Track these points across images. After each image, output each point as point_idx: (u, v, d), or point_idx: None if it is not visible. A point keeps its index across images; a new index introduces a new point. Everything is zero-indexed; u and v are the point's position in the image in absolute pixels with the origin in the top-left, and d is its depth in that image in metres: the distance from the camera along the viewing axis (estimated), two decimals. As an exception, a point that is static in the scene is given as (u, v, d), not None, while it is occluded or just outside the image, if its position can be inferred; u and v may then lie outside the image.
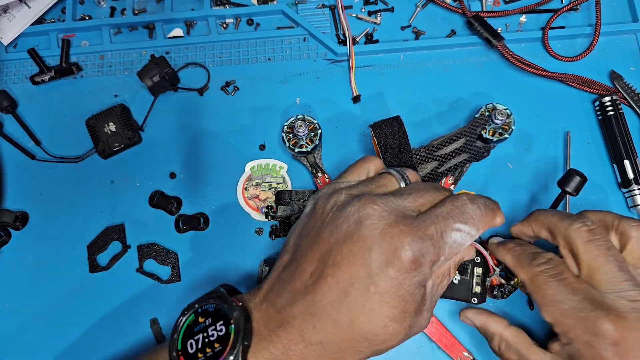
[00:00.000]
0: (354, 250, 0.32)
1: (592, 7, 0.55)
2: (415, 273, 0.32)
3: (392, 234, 0.31)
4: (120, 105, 0.53)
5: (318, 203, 0.36)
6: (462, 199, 0.35)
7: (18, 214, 0.51)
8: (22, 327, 0.49)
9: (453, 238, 0.33)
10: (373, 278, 0.31)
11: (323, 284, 0.32)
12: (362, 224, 0.32)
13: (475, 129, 0.48)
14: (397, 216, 0.32)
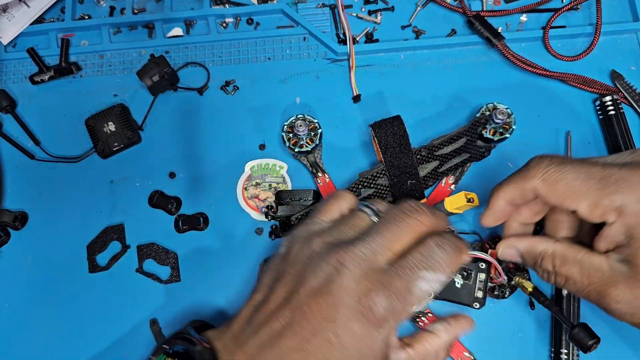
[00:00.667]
0: (321, 304, 0.32)
1: (592, 7, 0.55)
2: (380, 329, 0.32)
3: (357, 290, 0.32)
4: (119, 105, 0.53)
5: (293, 248, 0.37)
6: (430, 245, 0.34)
7: (17, 214, 0.51)
8: (21, 327, 0.49)
9: (420, 288, 0.33)
10: (337, 331, 0.32)
11: (289, 332, 0.33)
12: (330, 280, 0.33)
13: (476, 128, 0.48)
14: (365, 271, 0.33)
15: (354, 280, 0.32)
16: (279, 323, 0.33)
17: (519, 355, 0.46)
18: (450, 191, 0.49)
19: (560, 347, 0.45)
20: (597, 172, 0.33)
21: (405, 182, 0.46)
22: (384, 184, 0.47)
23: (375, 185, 0.47)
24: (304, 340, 0.32)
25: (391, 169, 0.46)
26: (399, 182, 0.46)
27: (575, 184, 0.33)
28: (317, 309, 0.32)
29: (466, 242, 0.36)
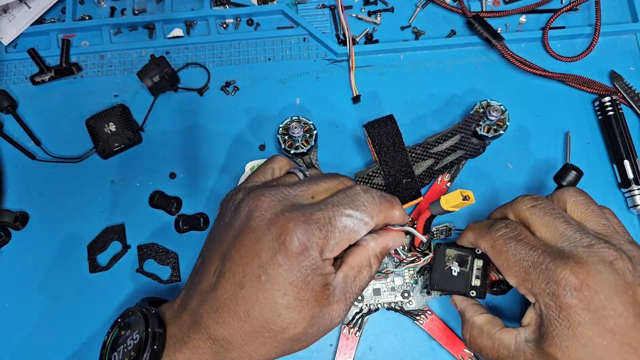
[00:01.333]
0: (244, 243, 0.33)
1: (592, 7, 0.55)
2: (302, 258, 0.33)
3: (277, 222, 0.33)
4: (120, 106, 0.53)
5: (222, 205, 0.38)
6: (356, 189, 0.37)
7: (18, 214, 0.51)
8: (21, 327, 0.49)
9: (344, 223, 0.34)
10: (263, 267, 0.32)
11: (222, 280, 0.34)
12: (251, 216, 0.34)
13: (470, 125, 0.48)
14: (285, 205, 0.34)
15: (274, 213, 0.33)
16: (212, 275, 0.35)
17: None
18: (446, 189, 0.49)
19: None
20: (531, 257, 0.35)
21: (400, 180, 0.46)
22: (380, 183, 0.47)
23: (372, 185, 0.47)
24: (237, 285, 0.33)
25: (386, 168, 0.46)
26: (394, 181, 0.46)
27: (512, 260, 0.36)
28: (243, 249, 0.33)
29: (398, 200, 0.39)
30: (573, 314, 0.32)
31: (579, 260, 0.33)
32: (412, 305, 0.47)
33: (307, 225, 0.33)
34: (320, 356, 0.47)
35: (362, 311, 0.47)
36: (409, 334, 0.47)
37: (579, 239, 0.34)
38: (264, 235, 0.33)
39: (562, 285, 0.33)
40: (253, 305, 0.33)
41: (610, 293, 0.32)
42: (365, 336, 0.47)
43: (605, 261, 0.33)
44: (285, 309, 0.33)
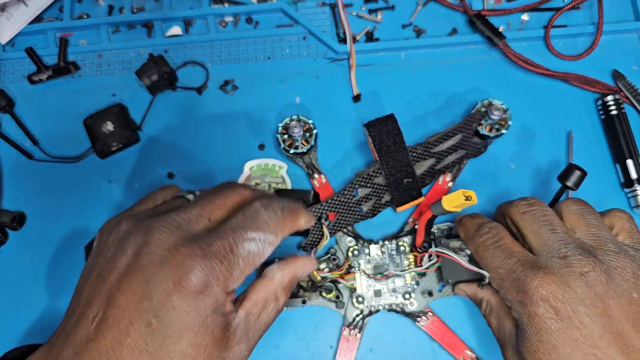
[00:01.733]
0: (132, 285, 0.29)
1: (594, 6, 0.54)
2: (202, 297, 0.29)
3: (171, 259, 0.29)
4: (118, 105, 0.52)
5: (101, 238, 0.33)
6: (255, 206, 0.33)
7: (15, 214, 0.51)
8: (20, 328, 0.49)
9: (247, 249, 0.31)
10: (155, 311, 0.28)
11: (104, 327, 0.29)
12: (139, 254, 0.30)
13: (471, 124, 0.47)
14: (178, 237, 0.30)
15: (166, 249, 0.30)
16: (90, 322, 0.29)
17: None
18: (447, 189, 0.49)
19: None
20: (506, 264, 0.36)
21: (401, 180, 0.46)
22: (381, 183, 0.47)
23: (372, 185, 0.46)
24: (122, 333, 0.28)
25: (387, 167, 0.46)
26: (395, 180, 0.46)
27: (491, 266, 0.37)
28: (129, 291, 0.29)
29: (302, 206, 0.36)
30: (540, 322, 0.33)
31: (550, 271, 0.34)
32: (413, 306, 0.46)
33: (206, 260, 0.29)
34: (320, 358, 0.46)
35: (362, 313, 0.46)
36: (410, 336, 0.47)
37: (557, 249, 0.35)
38: (156, 275, 0.29)
39: (529, 294, 0.34)
40: (140, 355, 0.28)
41: (577, 304, 0.32)
42: (366, 338, 0.47)
43: (576, 272, 0.33)
44: (179, 357, 0.29)
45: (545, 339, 0.33)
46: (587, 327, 0.32)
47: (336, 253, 0.47)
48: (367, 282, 0.46)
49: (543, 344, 0.33)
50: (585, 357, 0.32)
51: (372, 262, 0.47)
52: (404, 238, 0.48)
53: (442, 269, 0.44)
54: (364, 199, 0.47)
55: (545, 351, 0.33)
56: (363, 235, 0.48)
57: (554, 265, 0.34)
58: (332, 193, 0.49)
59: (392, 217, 0.49)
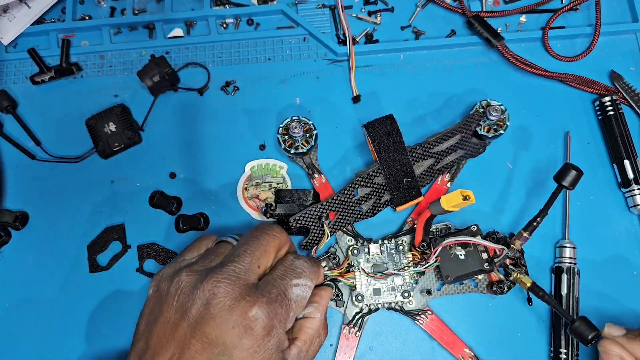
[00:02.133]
0: (206, 331, 0.33)
1: (592, 7, 0.55)
2: (269, 338, 0.34)
3: (239, 308, 0.33)
4: (120, 106, 0.53)
5: (160, 286, 0.37)
6: (289, 259, 0.39)
7: (18, 214, 0.51)
8: (21, 327, 0.49)
9: (295, 293, 0.37)
10: (229, 353, 0.33)
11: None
12: (210, 304, 0.34)
13: (470, 124, 0.48)
14: (241, 288, 0.35)
15: (233, 299, 0.34)
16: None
17: (519, 350, 0.46)
18: (446, 189, 0.49)
19: (560, 347, 0.45)
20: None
21: (401, 180, 0.46)
22: (381, 183, 0.47)
23: (372, 185, 0.47)
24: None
25: (386, 167, 0.46)
26: (394, 180, 0.46)
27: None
28: (205, 337, 0.33)
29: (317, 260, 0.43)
30: None
31: None
32: (412, 305, 0.47)
33: (269, 306, 0.34)
34: (320, 356, 0.47)
35: (362, 311, 0.47)
36: (409, 334, 0.47)
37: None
38: (227, 322, 0.33)
39: None
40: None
41: None
42: (365, 336, 0.47)
43: None
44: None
45: None
46: None
47: (336, 252, 0.48)
48: (367, 280, 0.47)
49: None
50: None
51: (372, 260, 0.47)
52: (403, 237, 0.48)
53: (441, 267, 0.44)
54: (364, 198, 0.47)
55: None
56: (363, 234, 0.49)
57: None
58: (332, 193, 0.50)
59: (392, 216, 0.50)
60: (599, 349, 0.42)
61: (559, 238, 0.49)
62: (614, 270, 0.48)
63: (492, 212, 0.50)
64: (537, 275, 0.48)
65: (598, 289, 0.47)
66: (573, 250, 0.47)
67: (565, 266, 0.47)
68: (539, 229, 0.43)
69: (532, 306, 0.47)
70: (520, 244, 0.44)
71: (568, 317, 0.40)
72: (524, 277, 0.43)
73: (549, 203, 0.43)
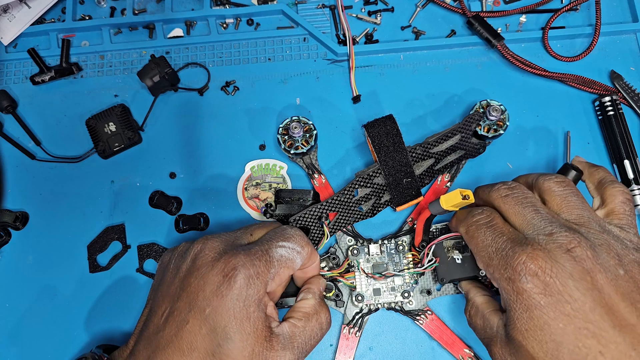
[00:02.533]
0: (190, 282, 0.36)
1: (592, 7, 0.55)
2: (246, 288, 0.35)
3: (221, 259, 0.36)
4: (120, 105, 0.53)
5: (164, 257, 0.41)
6: (283, 226, 0.41)
7: (18, 214, 0.51)
8: (22, 327, 0.49)
9: (279, 252, 0.38)
10: (208, 300, 0.34)
11: (170, 319, 0.35)
12: (196, 258, 0.37)
13: (470, 125, 0.48)
14: (227, 244, 0.37)
15: (217, 252, 0.36)
16: (160, 317, 0.36)
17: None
18: (446, 189, 0.49)
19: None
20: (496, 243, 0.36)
21: (401, 180, 0.46)
22: (380, 183, 0.47)
23: (372, 185, 0.47)
24: (182, 321, 0.34)
25: (386, 167, 0.46)
26: (394, 180, 0.46)
27: (480, 245, 0.37)
28: (189, 287, 0.35)
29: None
30: (528, 297, 0.33)
31: (537, 247, 0.34)
32: (412, 305, 0.47)
33: (247, 257, 0.36)
34: (320, 356, 0.47)
35: (362, 311, 0.47)
36: (409, 334, 0.47)
37: (543, 227, 0.35)
38: (209, 271, 0.35)
39: (517, 270, 0.34)
40: (195, 337, 0.34)
41: (566, 278, 0.32)
42: (365, 336, 0.47)
43: (563, 248, 0.33)
44: (224, 339, 0.33)
45: (535, 315, 0.32)
46: (577, 301, 0.32)
47: (336, 252, 0.48)
48: (367, 280, 0.47)
49: (534, 321, 0.33)
50: (578, 331, 0.31)
51: (372, 261, 0.47)
52: (403, 237, 0.48)
53: (437, 269, 0.44)
54: (364, 198, 0.47)
55: (536, 328, 0.32)
56: (362, 235, 0.49)
57: (540, 241, 0.34)
58: (332, 193, 0.50)
59: (392, 216, 0.50)
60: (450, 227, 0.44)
61: (559, 238, 0.49)
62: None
63: (492, 212, 0.50)
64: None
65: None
66: (573, 250, 0.47)
67: (565, 266, 0.46)
68: (539, 229, 0.43)
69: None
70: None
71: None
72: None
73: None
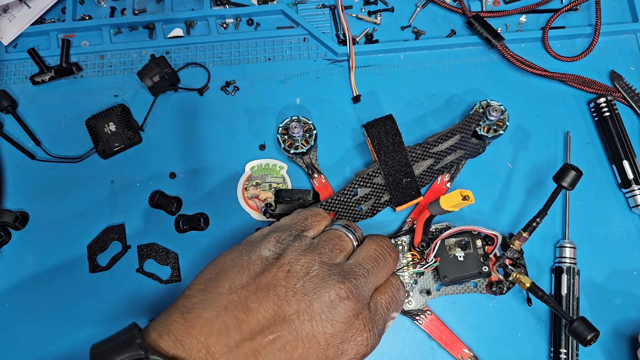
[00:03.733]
0: (319, 330, 0.33)
1: (592, 7, 0.55)
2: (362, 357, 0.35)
3: (355, 327, 0.34)
4: (120, 105, 0.53)
5: (286, 257, 0.36)
6: (398, 284, 0.40)
7: (18, 214, 0.51)
8: (22, 327, 0.49)
9: (388, 325, 0.39)
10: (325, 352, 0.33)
11: (279, 349, 0.32)
12: (335, 310, 0.34)
13: (470, 125, 0.48)
14: (360, 307, 0.35)
15: (354, 315, 0.34)
16: (267, 339, 0.32)
17: (519, 350, 0.46)
18: (446, 189, 0.49)
19: (560, 347, 0.45)
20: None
21: (400, 180, 0.46)
22: (380, 183, 0.47)
23: (372, 185, 0.47)
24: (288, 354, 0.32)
25: (385, 167, 0.46)
26: (394, 180, 0.46)
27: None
28: (313, 335, 0.33)
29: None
30: None
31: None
32: (411, 305, 0.47)
33: (374, 338, 0.36)
34: (320, 356, 0.47)
35: (362, 311, 0.47)
36: (409, 334, 0.47)
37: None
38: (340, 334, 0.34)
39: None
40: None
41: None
42: (365, 336, 0.47)
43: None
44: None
45: None
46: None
47: (336, 252, 0.48)
48: (367, 281, 0.47)
49: None
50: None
51: (372, 261, 0.47)
52: (402, 237, 0.48)
53: (439, 267, 0.44)
54: (364, 198, 0.47)
55: None
56: (362, 235, 0.49)
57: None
58: (331, 193, 0.50)
59: (391, 216, 0.50)
60: (638, 355, 0.43)
61: (559, 238, 0.49)
62: (614, 270, 0.48)
63: (492, 212, 0.50)
64: (537, 275, 0.48)
65: (598, 289, 0.47)
66: (573, 250, 0.47)
67: (565, 266, 0.47)
68: (539, 229, 0.43)
69: (532, 306, 0.47)
70: (520, 245, 0.44)
71: (567, 317, 0.40)
72: (523, 278, 0.43)
73: (548, 203, 0.43)
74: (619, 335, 0.46)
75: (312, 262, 0.36)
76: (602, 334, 0.40)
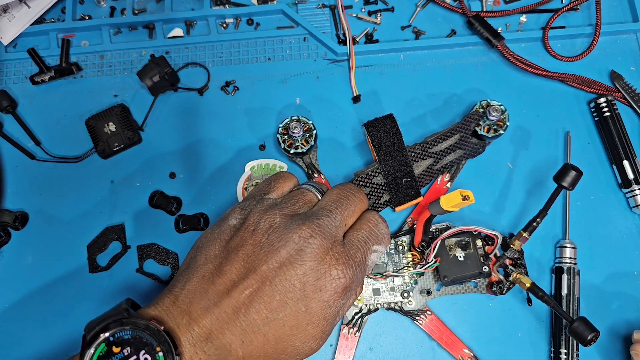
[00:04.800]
0: (291, 273, 0.34)
1: (592, 7, 0.55)
2: (344, 297, 0.35)
3: (327, 262, 0.34)
4: (120, 105, 0.53)
5: (250, 219, 0.37)
6: (376, 219, 0.39)
7: (18, 214, 0.51)
8: (21, 327, 0.49)
9: (372, 259, 0.38)
10: (306, 300, 0.34)
11: (258, 301, 0.33)
12: (303, 251, 0.34)
13: (469, 124, 0.48)
14: (332, 243, 0.35)
15: (324, 252, 0.35)
16: (244, 294, 0.33)
17: (519, 350, 0.46)
18: (446, 189, 0.49)
19: (560, 347, 0.45)
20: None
21: (400, 180, 0.46)
22: (380, 183, 0.47)
23: (371, 184, 0.47)
24: (273, 310, 0.33)
25: (385, 167, 0.46)
26: (394, 180, 0.46)
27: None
28: (287, 280, 0.34)
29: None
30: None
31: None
32: (411, 305, 0.47)
33: (353, 269, 0.35)
34: (319, 356, 0.47)
35: (361, 311, 0.47)
36: (409, 334, 0.47)
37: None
38: (315, 273, 0.34)
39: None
40: (286, 331, 0.34)
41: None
42: (365, 336, 0.47)
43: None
44: (311, 338, 0.35)
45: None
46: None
47: (336, 252, 0.48)
48: (366, 280, 0.47)
49: None
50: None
51: (372, 261, 0.47)
52: (402, 237, 0.48)
53: (439, 267, 0.44)
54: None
55: None
56: (362, 235, 0.49)
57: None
58: (331, 193, 0.49)
59: (391, 216, 0.50)
60: (631, 353, 0.43)
61: (559, 238, 0.49)
62: (614, 271, 0.48)
63: (492, 212, 0.50)
64: (538, 275, 0.48)
65: (598, 289, 0.47)
66: (573, 250, 0.47)
67: (566, 266, 0.46)
68: (540, 229, 0.43)
69: (532, 306, 0.47)
70: (520, 245, 0.44)
71: (567, 317, 0.40)
72: (523, 278, 0.43)
73: (548, 203, 0.43)
74: (619, 336, 0.46)
75: (273, 216, 0.36)
76: (602, 334, 0.40)
